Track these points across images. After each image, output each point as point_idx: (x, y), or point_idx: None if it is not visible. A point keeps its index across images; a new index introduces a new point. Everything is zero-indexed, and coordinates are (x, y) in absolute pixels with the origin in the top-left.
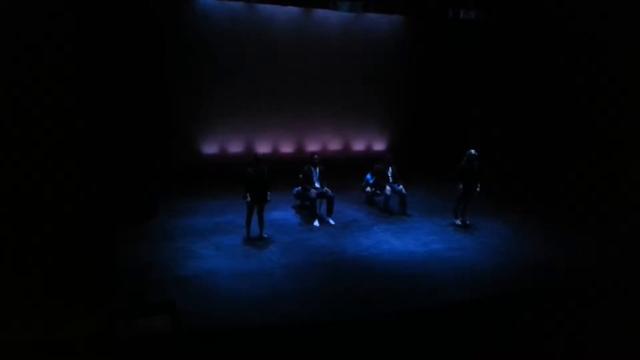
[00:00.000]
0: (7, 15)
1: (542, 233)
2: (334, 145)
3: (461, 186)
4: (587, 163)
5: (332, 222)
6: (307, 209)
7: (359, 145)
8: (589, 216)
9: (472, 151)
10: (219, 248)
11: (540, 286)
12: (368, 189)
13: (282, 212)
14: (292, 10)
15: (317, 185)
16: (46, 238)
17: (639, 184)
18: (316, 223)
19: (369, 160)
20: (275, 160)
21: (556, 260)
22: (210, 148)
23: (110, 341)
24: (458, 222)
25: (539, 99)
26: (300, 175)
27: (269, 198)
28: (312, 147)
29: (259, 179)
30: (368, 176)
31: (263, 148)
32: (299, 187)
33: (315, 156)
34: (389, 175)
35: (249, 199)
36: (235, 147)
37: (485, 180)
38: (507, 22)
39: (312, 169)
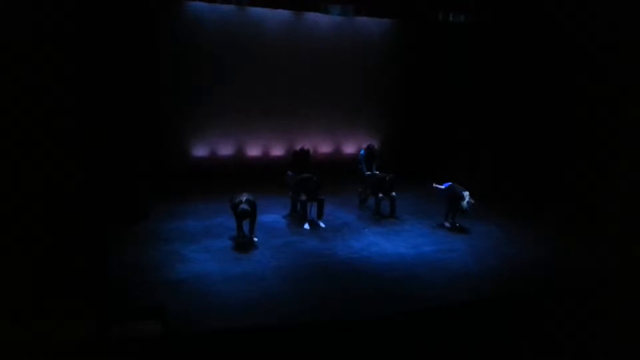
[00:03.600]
0: (2, 15)
1: (532, 234)
2: (325, 147)
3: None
4: (577, 165)
5: (322, 225)
6: (297, 212)
7: (349, 148)
8: (578, 217)
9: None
10: (210, 251)
11: (530, 287)
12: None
13: (272, 215)
14: (283, 13)
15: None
16: (35, 241)
17: (629, 185)
18: (306, 226)
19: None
20: (265, 163)
21: (546, 262)
22: (200, 150)
23: (101, 344)
24: (447, 224)
25: (528, 99)
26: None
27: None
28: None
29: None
30: (362, 152)
31: (253, 151)
32: (291, 173)
33: (314, 178)
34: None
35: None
36: (226, 150)
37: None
38: (497, 26)
39: (313, 180)
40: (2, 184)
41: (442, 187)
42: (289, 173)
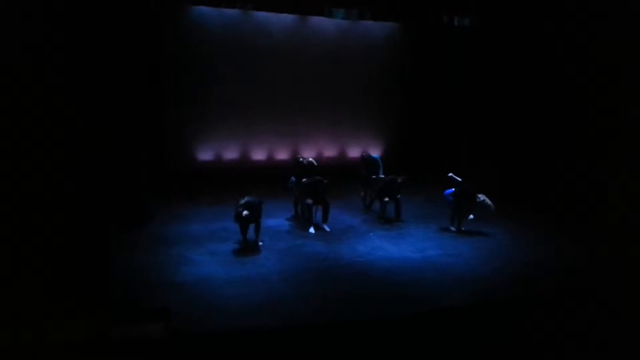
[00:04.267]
0: (2, 16)
1: (537, 236)
2: (330, 151)
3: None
4: (577, 165)
5: (327, 228)
6: (301, 216)
7: (354, 152)
8: (584, 218)
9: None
10: (214, 254)
11: (537, 290)
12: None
13: (277, 219)
14: (288, 17)
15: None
16: (40, 243)
17: (629, 185)
18: (311, 230)
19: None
20: (270, 167)
21: (552, 263)
22: (205, 154)
23: (103, 346)
24: (453, 228)
25: (530, 101)
26: (303, 181)
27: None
28: (308, 153)
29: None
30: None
31: (258, 154)
32: (294, 178)
33: (325, 182)
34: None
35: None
36: (231, 154)
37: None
38: (501, 29)
39: (323, 183)
40: (8, 185)
41: (457, 179)
42: (292, 179)
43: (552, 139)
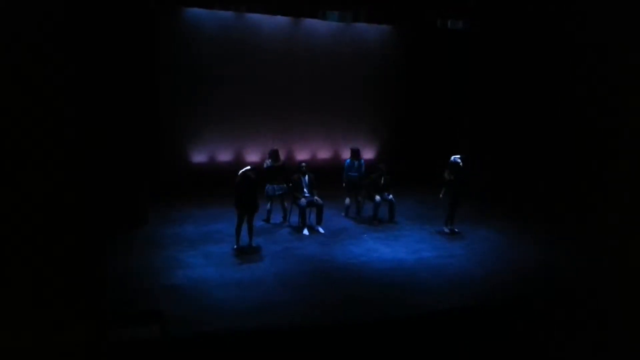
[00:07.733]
0: (2, 18)
1: (531, 238)
2: (324, 153)
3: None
4: (576, 166)
5: (321, 230)
6: (267, 221)
7: (348, 154)
8: (577, 221)
9: (456, 159)
10: (208, 257)
11: (530, 291)
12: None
13: (271, 221)
14: (281, 19)
15: (306, 193)
16: (36, 245)
17: (629, 186)
18: (305, 231)
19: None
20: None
21: (545, 264)
22: (199, 156)
23: (99, 349)
24: (447, 229)
25: (527, 103)
26: (290, 184)
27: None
28: (302, 155)
29: (251, 188)
30: (347, 162)
31: (252, 156)
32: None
33: (303, 164)
34: (381, 183)
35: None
36: (225, 156)
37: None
38: (494, 32)
39: (302, 177)
40: (6, 188)
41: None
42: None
43: (551, 139)
